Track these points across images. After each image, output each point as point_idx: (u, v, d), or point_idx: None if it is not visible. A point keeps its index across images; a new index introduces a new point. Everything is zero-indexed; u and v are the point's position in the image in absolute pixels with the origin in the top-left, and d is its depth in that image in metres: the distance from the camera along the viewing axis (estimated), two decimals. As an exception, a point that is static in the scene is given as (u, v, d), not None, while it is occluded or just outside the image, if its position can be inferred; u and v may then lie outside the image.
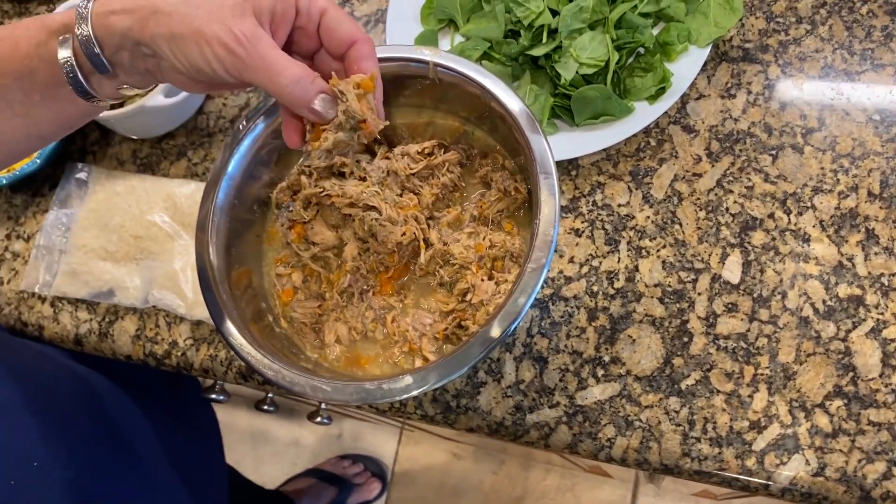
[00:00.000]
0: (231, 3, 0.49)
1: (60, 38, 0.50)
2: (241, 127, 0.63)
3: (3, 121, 0.53)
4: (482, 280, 0.59)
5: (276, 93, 0.51)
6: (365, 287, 0.62)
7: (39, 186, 0.86)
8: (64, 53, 0.50)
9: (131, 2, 0.49)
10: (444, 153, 0.64)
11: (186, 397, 0.99)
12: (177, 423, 0.90)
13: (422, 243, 0.60)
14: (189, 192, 0.79)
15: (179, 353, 0.76)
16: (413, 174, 0.63)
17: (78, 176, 0.83)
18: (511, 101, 0.58)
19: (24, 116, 0.53)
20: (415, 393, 0.52)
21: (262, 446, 1.79)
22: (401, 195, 0.61)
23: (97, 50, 0.50)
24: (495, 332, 0.52)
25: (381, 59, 0.62)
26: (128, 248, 0.78)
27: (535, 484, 1.61)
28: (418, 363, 0.60)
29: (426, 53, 0.61)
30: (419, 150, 0.63)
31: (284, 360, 0.57)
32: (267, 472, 1.75)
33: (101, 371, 0.80)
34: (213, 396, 0.92)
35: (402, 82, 0.64)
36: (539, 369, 0.67)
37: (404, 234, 0.59)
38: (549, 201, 0.54)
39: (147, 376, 0.89)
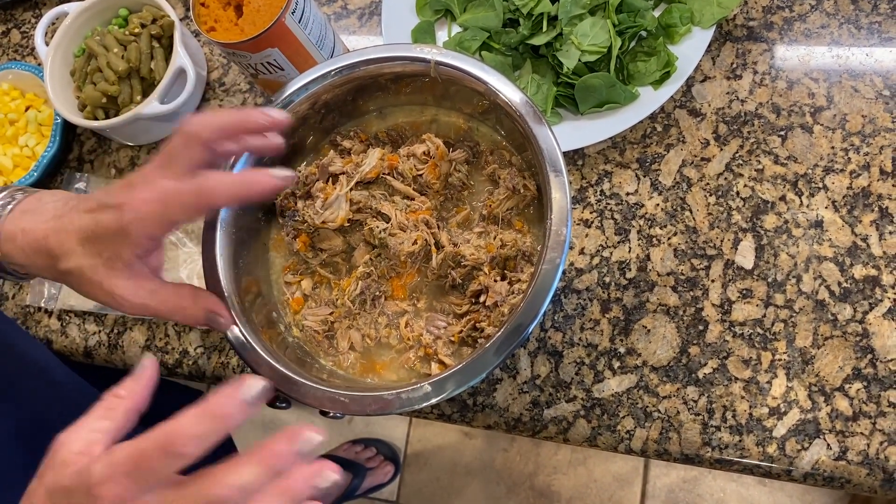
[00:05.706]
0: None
1: None
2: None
3: None
4: (495, 280, 0.59)
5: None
6: (377, 293, 0.61)
7: (38, 198, 0.85)
8: None
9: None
10: (451, 151, 0.63)
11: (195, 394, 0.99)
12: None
13: (433, 248, 0.59)
14: (190, 198, 0.78)
15: (191, 362, 0.75)
16: (419, 175, 0.62)
17: (77, 186, 0.82)
18: (514, 95, 0.57)
19: None
20: (434, 401, 0.52)
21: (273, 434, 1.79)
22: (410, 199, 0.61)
23: None
24: (512, 336, 0.51)
25: (380, 59, 0.61)
26: (132, 258, 0.77)
27: (546, 459, 1.62)
28: (435, 367, 0.59)
29: (427, 52, 0.60)
30: (425, 151, 0.62)
31: (300, 371, 0.56)
32: (280, 460, 1.75)
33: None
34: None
35: (402, 80, 0.63)
36: (554, 364, 0.67)
37: (415, 242, 0.58)
38: (560, 199, 0.54)
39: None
